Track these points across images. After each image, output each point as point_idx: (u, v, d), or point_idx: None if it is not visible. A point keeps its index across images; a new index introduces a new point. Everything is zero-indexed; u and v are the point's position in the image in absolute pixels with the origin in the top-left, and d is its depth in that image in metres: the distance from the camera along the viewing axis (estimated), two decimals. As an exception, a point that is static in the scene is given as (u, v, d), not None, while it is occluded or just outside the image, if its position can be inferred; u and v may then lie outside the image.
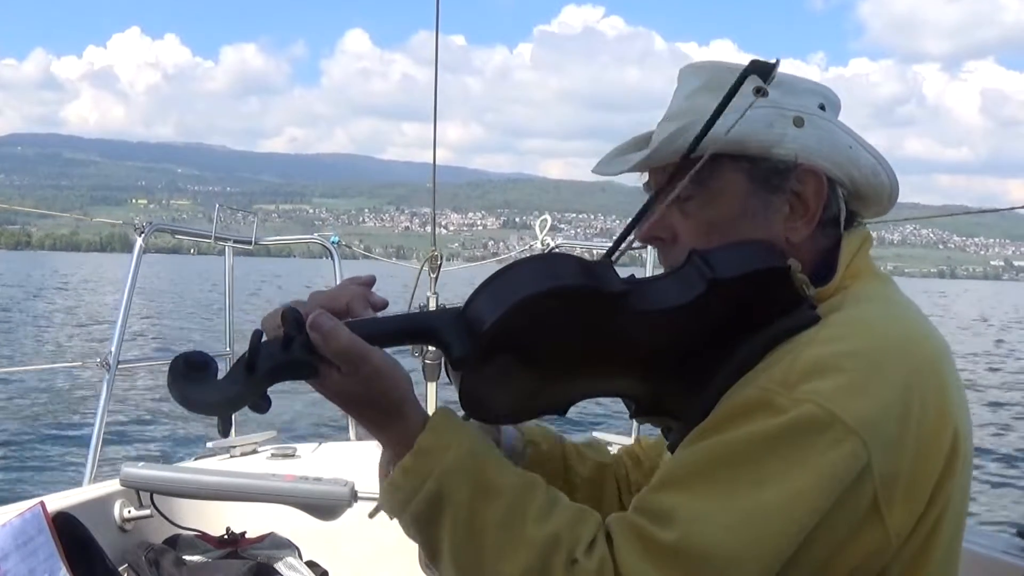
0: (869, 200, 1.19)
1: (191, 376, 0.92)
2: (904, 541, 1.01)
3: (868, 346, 1.02)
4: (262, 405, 0.95)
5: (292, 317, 0.95)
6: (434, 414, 1.04)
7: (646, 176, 1.23)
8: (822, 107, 1.17)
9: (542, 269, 1.03)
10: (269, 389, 0.96)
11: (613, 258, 1.15)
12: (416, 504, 0.99)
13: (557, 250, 3.59)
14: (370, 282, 1.07)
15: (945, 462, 1.02)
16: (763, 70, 1.11)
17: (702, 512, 0.94)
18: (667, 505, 0.96)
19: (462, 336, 1.02)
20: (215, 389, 0.92)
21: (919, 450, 1.00)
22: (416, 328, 1.06)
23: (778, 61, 1.12)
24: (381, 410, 1.02)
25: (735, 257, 1.08)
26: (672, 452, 1.17)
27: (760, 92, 1.11)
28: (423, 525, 1.00)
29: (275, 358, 0.94)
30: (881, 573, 1.02)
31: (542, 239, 3.20)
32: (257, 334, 0.93)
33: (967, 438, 1.06)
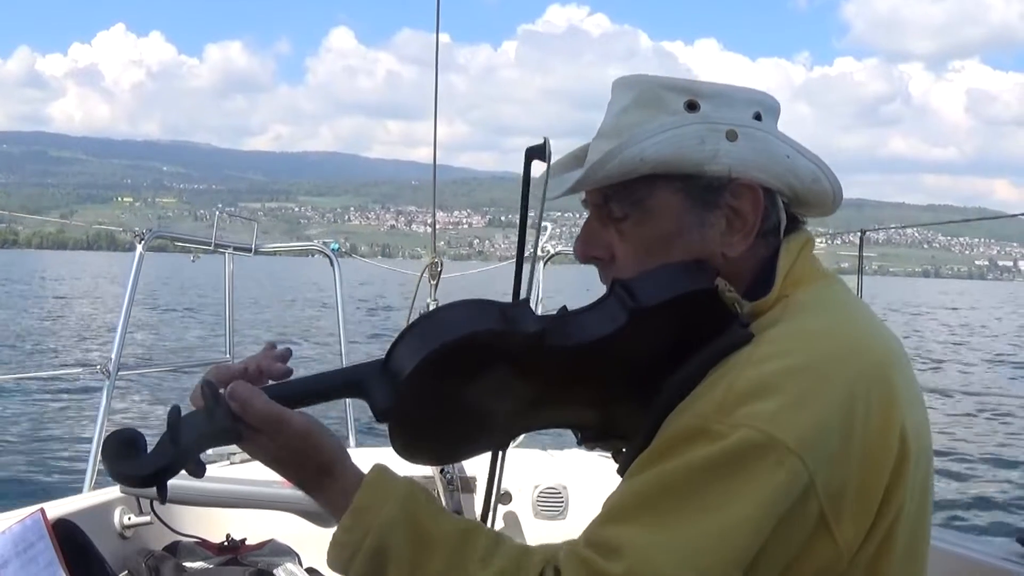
0: (812, 205, 1.18)
1: (122, 452, 0.97)
2: (856, 552, 1.01)
3: (806, 361, 1.00)
4: (197, 471, 1.00)
5: (209, 391, 1.00)
6: (369, 471, 1.05)
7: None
8: (758, 116, 1.14)
9: (458, 316, 1.04)
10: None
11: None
12: (359, 562, 1.00)
13: (555, 257, 3.59)
14: (283, 355, 1.11)
15: (893, 469, 1.01)
16: (538, 152, 1.25)
17: (648, 543, 0.94)
18: (614, 537, 0.96)
19: (384, 387, 1.03)
20: (144, 463, 0.97)
21: (865, 461, 0.99)
22: (339, 383, 1.08)
23: (546, 140, 1.25)
24: (312, 472, 1.05)
25: (658, 283, 1.07)
26: (622, 475, 1.15)
27: (692, 107, 1.12)
28: None
29: (199, 428, 0.98)
30: None
31: (541, 246, 3.19)
32: (175, 410, 0.98)
33: (917, 437, 1.05)
